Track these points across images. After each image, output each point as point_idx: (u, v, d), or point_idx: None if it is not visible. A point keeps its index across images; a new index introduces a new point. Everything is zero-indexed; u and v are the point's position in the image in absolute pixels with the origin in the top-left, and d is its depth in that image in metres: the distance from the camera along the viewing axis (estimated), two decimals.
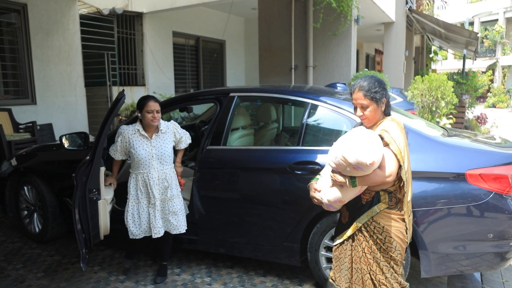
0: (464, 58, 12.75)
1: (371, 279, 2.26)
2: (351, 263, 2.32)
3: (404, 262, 2.29)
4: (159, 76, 9.95)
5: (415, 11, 12.61)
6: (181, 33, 10.64)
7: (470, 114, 12.14)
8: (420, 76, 7.64)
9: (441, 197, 2.72)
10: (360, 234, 2.26)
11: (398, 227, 2.21)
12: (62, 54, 7.47)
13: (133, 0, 9.30)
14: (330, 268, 2.98)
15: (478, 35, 11.43)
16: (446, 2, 15.65)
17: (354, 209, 2.27)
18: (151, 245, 3.42)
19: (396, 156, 2.12)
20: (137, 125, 3.11)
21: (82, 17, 8.12)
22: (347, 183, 2.14)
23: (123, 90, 2.89)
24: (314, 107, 3.16)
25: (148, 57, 9.64)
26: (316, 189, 2.35)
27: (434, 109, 6.98)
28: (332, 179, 2.22)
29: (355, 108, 2.27)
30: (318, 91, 3.51)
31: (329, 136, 3.14)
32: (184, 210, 3.25)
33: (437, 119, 7.89)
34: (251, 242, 3.26)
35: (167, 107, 3.67)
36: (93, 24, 8.55)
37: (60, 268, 3.56)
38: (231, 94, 3.40)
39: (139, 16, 9.46)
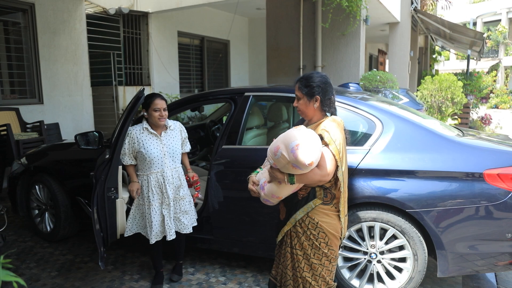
0: (468, 58, 12.75)
1: (298, 276, 2.31)
2: (283, 257, 2.38)
3: (337, 258, 2.35)
4: (164, 76, 9.95)
5: (420, 11, 12.61)
6: (186, 33, 10.65)
7: (475, 114, 12.15)
8: (430, 77, 7.65)
9: (459, 197, 2.72)
10: (294, 230, 2.30)
11: (333, 224, 2.25)
12: (69, 53, 7.48)
13: (139, 0, 9.31)
14: (347, 268, 3.01)
15: (484, 35, 11.43)
16: (450, 2, 15.63)
17: (291, 204, 2.31)
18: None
19: (334, 156, 2.15)
20: (144, 124, 3.00)
21: (88, 16, 8.13)
22: (286, 180, 2.16)
23: (143, 88, 2.88)
24: None
25: (154, 57, 9.64)
26: (254, 182, 2.38)
27: (443, 109, 6.97)
28: (270, 175, 2.23)
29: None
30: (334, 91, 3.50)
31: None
32: (193, 209, 3.22)
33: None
34: (265, 241, 3.25)
35: (183, 106, 3.66)
36: (99, 24, 8.55)
37: (73, 267, 3.56)
38: (246, 94, 3.39)
39: (144, 16, 9.46)
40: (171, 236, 3.03)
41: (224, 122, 5.12)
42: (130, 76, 9.39)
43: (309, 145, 2.05)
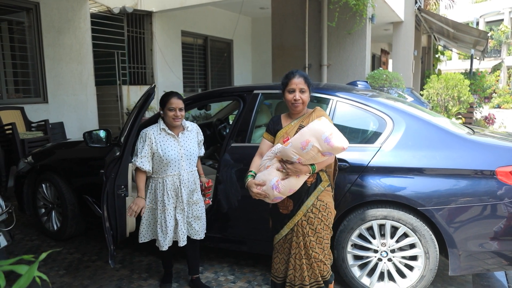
0: (471, 58, 12.72)
1: (313, 262, 2.42)
2: (295, 248, 2.45)
3: None
4: (168, 75, 9.95)
5: (424, 10, 12.58)
6: (189, 32, 10.65)
7: (478, 114, 12.12)
8: (435, 75, 7.64)
9: (471, 195, 2.70)
10: (305, 218, 2.43)
11: (332, 202, 2.53)
12: (73, 52, 7.47)
13: None
14: (357, 266, 2.99)
15: (488, 34, 11.40)
16: (453, 1, 15.59)
17: (300, 194, 2.42)
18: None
19: None
20: (161, 124, 2.87)
21: (92, 15, 8.12)
22: (310, 171, 2.35)
23: (154, 85, 2.85)
24: (340, 105, 3.13)
25: (157, 56, 9.64)
26: (259, 184, 2.40)
27: (450, 107, 6.95)
28: (291, 171, 2.33)
29: (292, 92, 2.47)
30: (343, 88, 3.49)
31: (355, 133, 3.12)
32: (205, 215, 3.09)
33: None
34: None
35: (192, 104, 3.65)
36: (103, 23, 8.55)
37: (81, 266, 3.55)
38: (255, 92, 3.37)
39: (148, 15, 9.46)
40: (183, 242, 2.91)
41: (230, 120, 5.11)
42: (134, 75, 9.39)
43: (338, 132, 2.27)
